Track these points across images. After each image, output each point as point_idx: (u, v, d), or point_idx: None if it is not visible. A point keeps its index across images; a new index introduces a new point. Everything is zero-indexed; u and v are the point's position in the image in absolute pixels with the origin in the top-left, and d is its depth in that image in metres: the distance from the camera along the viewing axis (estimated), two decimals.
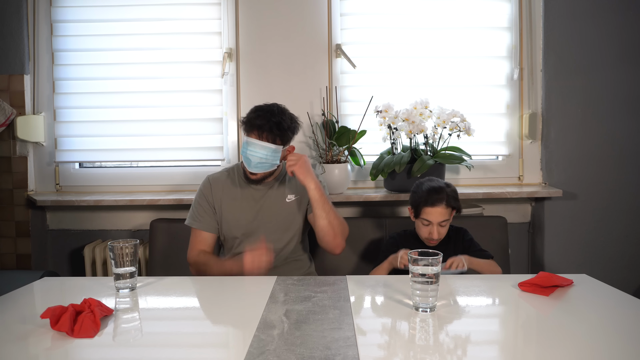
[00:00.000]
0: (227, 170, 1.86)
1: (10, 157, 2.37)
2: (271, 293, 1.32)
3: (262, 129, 1.65)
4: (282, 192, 1.81)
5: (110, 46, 2.42)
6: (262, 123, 1.65)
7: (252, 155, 1.66)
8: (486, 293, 1.35)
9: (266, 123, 1.65)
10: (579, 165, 2.33)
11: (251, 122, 1.67)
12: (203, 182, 1.83)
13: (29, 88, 2.39)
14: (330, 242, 1.73)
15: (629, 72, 2.30)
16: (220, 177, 1.83)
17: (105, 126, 2.43)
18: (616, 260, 2.34)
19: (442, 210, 1.69)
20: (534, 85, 2.38)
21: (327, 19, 2.37)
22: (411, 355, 0.95)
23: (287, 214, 1.80)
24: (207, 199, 1.79)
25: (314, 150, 2.40)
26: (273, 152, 1.66)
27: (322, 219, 1.70)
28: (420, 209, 1.71)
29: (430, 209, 1.69)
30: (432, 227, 1.70)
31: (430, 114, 2.21)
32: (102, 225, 2.48)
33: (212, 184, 1.81)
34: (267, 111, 1.68)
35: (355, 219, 2.24)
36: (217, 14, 2.39)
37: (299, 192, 1.81)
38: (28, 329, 1.08)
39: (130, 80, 2.42)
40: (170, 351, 0.99)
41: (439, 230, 1.70)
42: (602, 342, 1.01)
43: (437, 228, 1.70)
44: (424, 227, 1.72)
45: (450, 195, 1.71)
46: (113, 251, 1.32)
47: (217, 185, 1.80)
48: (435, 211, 1.69)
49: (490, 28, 2.40)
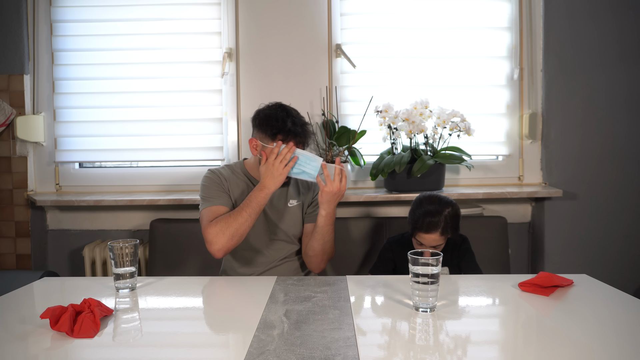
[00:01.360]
0: (229, 167, 1.78)
1: (10, 157, 2.37)
2: (271, 293, 1.32)
3: (303, 137, 1.65)
4: (284, 195, 1.78)
5: (110, 46, 2.42)
6: (301, 138, 1.64)
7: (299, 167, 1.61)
8: (486, 293, 1.35)
9: (304, 135, 1.65)
10: (579, 165, 2.33)
11: (293, 132, 1.62)
12: (208, 174, 1.72)
13: (29, 88, 2.39)
14: (314, 263, 1.70)
15: (629, 72, 2.30)
16: (224, 172, 1.75)
17: (105, 126, 2.43)
18: (616, 260, 2.34)
19: (435, 237, 1.62)
20: (534, 85, 2.38)
21: (327, 19, 2.37)
22: (411, 355, 0.95)
23: (289, 218, 1.77)
24: (217, 182, 1.69)
25: (314, 150, 2.40)
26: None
27: (318, 243, 1.65)
28: (415, 231, 1.66)
29: (424, 235, 1.63)
30: (425, 247, 1.65)
31: (430, 114, 2.21)
32: (102, 225, 2.48)
33: (219, 174, 1.72)
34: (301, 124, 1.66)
35: (355, 219, 2.24)
36: (217, 14, 2.39)
37: (300, 198, 1.79)
38: (28, 329, 1.08)
39: (130, 80, 2.42)
40: (170, 351, 0.99)
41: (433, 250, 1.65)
42: (602, 342, 1.01)
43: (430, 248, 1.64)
44: (418, 245, 1.68)
45: (448, 223, 1.62)
46: (113, 251, 1.32)
47: (223, 177, 1.72)
48: (429, 237, 1.63)
49: (490, 28, 2.40)
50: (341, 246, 2.14)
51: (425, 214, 1.62)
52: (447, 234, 1.63)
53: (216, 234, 1.53)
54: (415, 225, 1.64)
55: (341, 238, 2.13)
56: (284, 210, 1.76)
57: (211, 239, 1.54)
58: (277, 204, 1.77)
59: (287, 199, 1.78)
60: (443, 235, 1.63)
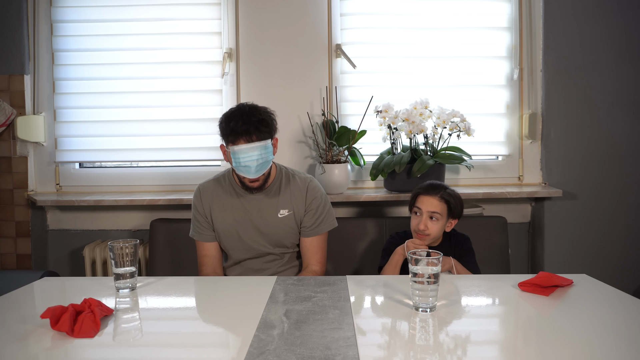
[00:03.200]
0: (216, 179, 1.81)
1: (11, 157, 2.38)
2: (271, 293, 1.32)
3: (249, 133, 1.58)
4: (274, 204, 1.74)
5: (110, 46, 2.42)
6: (246, 127, 1.58)
7: (250, 161, 1.59)
8: (486, 293, 1.35)
9: (250, 125, 1.58)
10: (579, 165, 2.33)
11: (235, 131, 1.58)
12: (194, 193, 1.79)
13: (29, 88, 2.39)
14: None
15: (629, 72, 2.30)
16: (210, 186, 1.78)
17: (105, 126, 2.43)
18: (616, 260, 2.34)
19: (435, 201, 1.67)
20: (534, 85, 2.38)
21: (327, 19, 2.37)
22: (411, 355, 0.95)
23: (280, 229, 1.74)
24: (199, 210, 1.76)
25: (314, 150, 2.40)
26: (266, 148, 1.61)
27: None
28: (415, 197, 1.71)
29: (423, 197, 1.68)
30: (421, 218, 1.67)
31: (430, 114, 2.21)
32: (102, 225, 2.48)
33: (202, 193, 1.77)
34: (242, 114, 1.61)
35: (355, 219, 2.24)
36: (217, 14, 2.39)
37: (292, 208, 1.75)
38: (28, 329, 1.08)
39: (130, 80, 2.42)
40: (170, 351, 0.99)
41: (426, 222, 1.66)
42: (602, 342, 1.01)
43: (425, 218, 1.66)
44: (415, 218, 1.70)
45: (449, 194, 1.69)
46: (113, 251, 1.32)
47: (207, 195, 1.76)
48: (428, 200, 1.67)
49: (490, 28, 2.40)
50: (341, 246, 2.14)
51: (430, 183, 1.74)
52: (445, 200, 1.68)
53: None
54: (417, 190, 1.72)
55: (341, 238, 2.13)
56: (275, 221, 1.74)
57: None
58: (267, 216, 1.74)
59: (278, 209, 1.74)
60: (442, 201, 1.67)
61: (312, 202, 1.75)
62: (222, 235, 1.75)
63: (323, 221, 1.76)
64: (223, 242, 1.77)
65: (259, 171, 1.63)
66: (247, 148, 1.59)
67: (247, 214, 1.74)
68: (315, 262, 1.75)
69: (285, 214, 1.74)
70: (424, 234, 1.67)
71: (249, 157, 1.59)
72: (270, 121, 1.64)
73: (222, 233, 1.75)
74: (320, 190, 1.79)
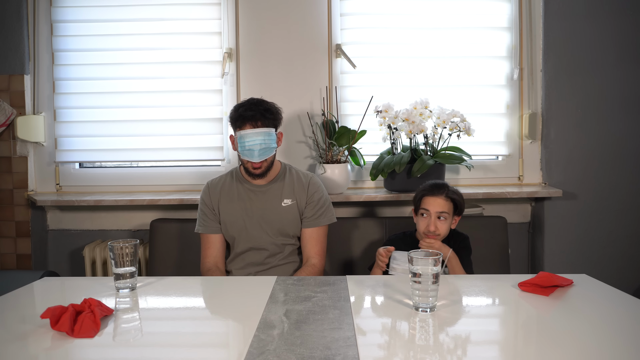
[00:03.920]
0: (224, 175, 1.91)
1: (11, 157, 2.37)
2: (271, 293, 1.32)
3: (255, 118, 1.71)
4: (278, 193, 1.83)
5: (111, 46, 2.42)
6: (253, 113, 1.71)
7: (253, 144, 1.70)
8: (486, 293, 1.35)
9: (256, 112, 1.72)
10: (579, 165, 2.33)
11: (242, 116, 1.72)
12: (203, 189, 1.89)
13: (29, 88, 2.39)
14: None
15: (629, 72, 2.30)
16: (219, 181, 1.88)
17: (105, 126, 2.43)
18: (616, 260, 2.34)
19: (441, 201, 1.69)
20: (534, 85, 2.38)
21: (327, 19, 2.37)
22: (411, 355, 0.95)
23: (284, 218, 1.81)
24: (207, 204, 1.85)
25: (314, 150, 2.40)
26: (269, 135, 1.73)
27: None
28: (420, 199, 1.72)
29: (430, 198, 1.70)
30: (430, 219, 1.68)
31: (430, 114, 2.21)
32: (102, 225, 2.48)
33: (210, 188, 1.87)
34: (251, 103, 1.75)
35: (355, 219, 2.24)
36: (217, 14, 2.39)
37: (295, 198, 1.83)
38: (28, 329, 1.08)
39: (131, 80, 2.42)
40: (170, 351, 0.99)
41: (436, 223, 1.67)
42: (602, 342, 1.01)
43: (434, 219, 1.67)
44: (422, 220, 1.71)
45: (453, 191, 1.72)
46: (113, 251, 1.32)
47: (215, 189, 1.86)
48: (435, 201, 1.69)
49: (490, 28, 2.40)
50: (341, 246, 2.15)
51: (432, 183, 1.76)
52: (451, 198, 1.70)
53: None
54: (422, 192, 1.73)
55: (341, 238, 2.14)
56: (279, 209, 1.81)
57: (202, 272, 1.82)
58: (272, 204, 1.82)
59: (282, 198, 1.82)
60: (448, 199, 1.69)
61: (313, 194, 1.83)
62: (228, 224, 1.82)
63: (323, 214, 1.83)
64: (229, 231, 1.82)
65: (262, 156, 1.72)
66: (252, 132, 1.70)
67: (253, 203, 1.82)
68: (314, 255, 1.80)
69: (289, 203, 1.82)
70: (434, 235, 1.68)
71: (253, 141, 1.70)
72: (275, 112, 1.78)
73: (228, 222, 1.82)
74: (321, 186, 1.88)
